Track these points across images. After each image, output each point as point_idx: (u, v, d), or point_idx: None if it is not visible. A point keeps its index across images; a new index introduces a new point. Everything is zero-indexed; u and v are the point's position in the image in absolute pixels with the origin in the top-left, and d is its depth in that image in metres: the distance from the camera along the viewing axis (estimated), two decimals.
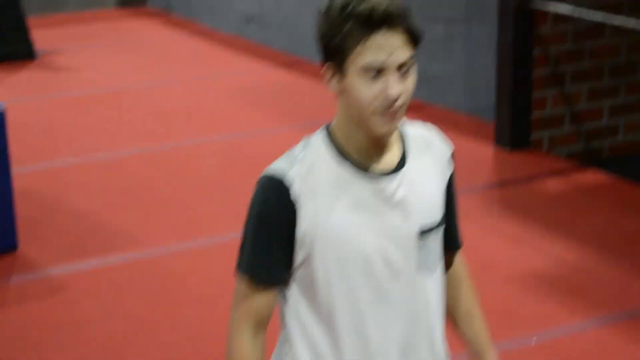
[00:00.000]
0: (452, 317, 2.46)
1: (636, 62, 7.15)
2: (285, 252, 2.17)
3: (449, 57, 7.86)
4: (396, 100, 2.08)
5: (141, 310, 5.04)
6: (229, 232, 5.66)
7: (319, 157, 2.17)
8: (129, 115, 7.97)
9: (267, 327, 2.23)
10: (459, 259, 2.48)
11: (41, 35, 10.21)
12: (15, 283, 5.32)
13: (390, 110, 2.09)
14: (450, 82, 7.91)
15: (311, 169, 2.16)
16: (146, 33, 10.88)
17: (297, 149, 2.20)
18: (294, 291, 2.22)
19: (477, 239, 5.55)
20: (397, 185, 2.19)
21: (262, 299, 2.20)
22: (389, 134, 2.17)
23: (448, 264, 2.44)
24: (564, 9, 6.63)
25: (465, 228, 5.61)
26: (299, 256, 2.17)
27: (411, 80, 2.13)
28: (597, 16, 6.55)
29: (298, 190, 2.13)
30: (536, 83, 6.83)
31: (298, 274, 2.20)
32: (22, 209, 5.84)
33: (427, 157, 2.29)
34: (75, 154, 7.19)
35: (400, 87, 2.09)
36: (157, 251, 5.58)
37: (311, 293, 2.20)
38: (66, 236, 5.86)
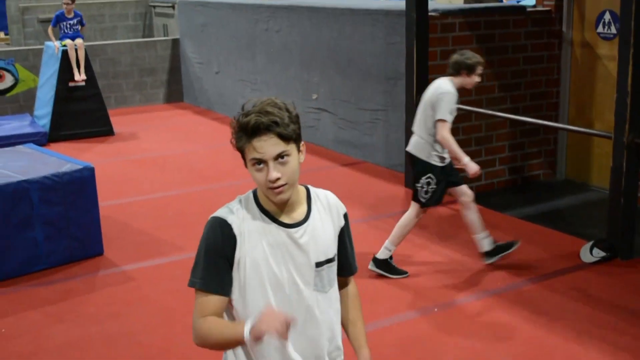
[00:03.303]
0: (342, 321, 2.42)
1: (491, 135, 7.53)
2: (227, 271, 2.15)
3: (375, 132, 8.13)
4: (276, 181, 2.07)
5: (184, 292, 4.68)
6: None
7: (249, 211, 2.17)
8: (172, 169, 8.28)
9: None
10: (352, 281, 2.44)
11: (117, 120, 10.74)
12: (101, 275, 5.49)
13: (275, 188, 2.08)
14: (375, 148, 8.17)
15: (243, 219, 2.16)
16: (182, 118, 11.31)
17: (234, 204, 2.18)
18: (234, 314, 2.19)
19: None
20: (302, 233, 2.18)
21: (216, 303, 2.14)
22: (282, 202, 2.13)
23: (344, 284, 2.41)
24: None
25: (387, 234, 5.50)
26: (234, 277, 2.16)
27: (291, 164, 2.08)
28: (466, 107, 6.91)
29: (237, 230, 2.12)
30: None
31: (233, 288, 2.16)
32: (106, 229, 6.03)
33: (326, 214, 2.26)
34: (138, 194, 7.46)
35: (278, 172, 2.06)
36: (194, 254, 5.81)
37: (242, 302, 2.17)
38: (133, 245, 6.00)
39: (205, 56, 11.73)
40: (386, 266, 5.22)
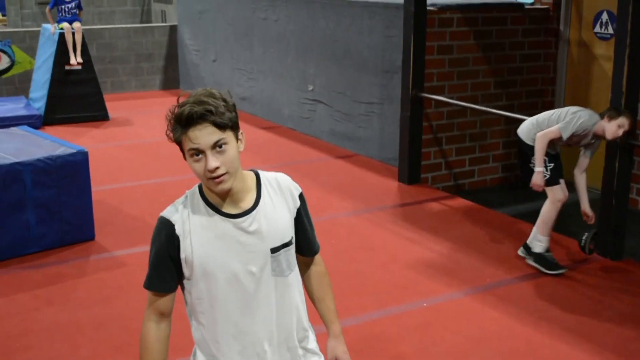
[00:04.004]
0: (312, 300, 2.43)
1: (486, 132, 7.54)
2: (173, 270, 2.16)
3: (369, 126, 8.17)
4: (215, 170, 2.05)
5: None
6: None
7: (194, 206, 2.16)
8: (166, 155, 8.16)
9: (170, 316, 2.25)
10: (317, 260, 2.41)
11: (113, 106, 10.71)
12: (93, 260, 5.48)
13: (215, 178, 2.06)
14: (370, 141, 8.19)
15: (188, 215, 2.15)
16: None
17: (181, 200, 2.19)
18: (189, 300, 2.23)
19: (386, 239, 5.79)
20: (252, 221, 2.15)
21: (162, 301, 2.20)
22: (223, 192, 2.11)
23: (308, 264, 2.39)
24: (442, 97, 7.02)
25: (379, 233, 5.83)
26: (185, 272, 2.17)
27: (229, 152, 2.06)
28: (462, 103, 6.98)
29: (180, 229, 2.12)
30: (424, 143, 7.17)
31: (187, 285, 2.20)
32: (98, 213, 6.01)
33: (278, 198, 2.23)
34: (131, 179, 7.47)
35: (217, 161, 2.04)
36: None
37: (197, 300, 2.19)
38: (126, 231, 5.99)
39: (202, 43, 11.69)
40: (541, 259, 5.22)
